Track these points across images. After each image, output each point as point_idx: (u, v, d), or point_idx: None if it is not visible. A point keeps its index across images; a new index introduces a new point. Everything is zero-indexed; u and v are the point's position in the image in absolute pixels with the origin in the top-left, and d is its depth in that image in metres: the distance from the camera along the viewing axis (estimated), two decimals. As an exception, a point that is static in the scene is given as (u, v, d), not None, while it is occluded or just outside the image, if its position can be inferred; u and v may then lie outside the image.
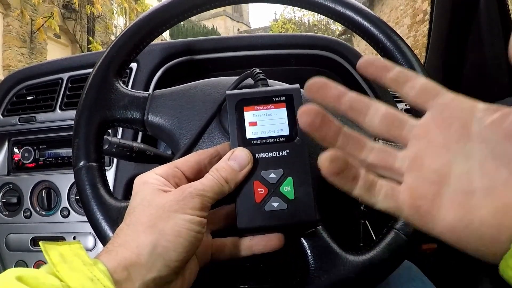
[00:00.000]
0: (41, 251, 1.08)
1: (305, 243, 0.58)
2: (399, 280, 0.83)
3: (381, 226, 0.61)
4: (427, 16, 1.48)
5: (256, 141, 0.54)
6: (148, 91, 0.67)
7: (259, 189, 0.52)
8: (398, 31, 0.65)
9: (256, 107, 0.55)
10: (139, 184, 0.50)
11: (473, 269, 1.18)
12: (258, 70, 0.63)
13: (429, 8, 1.47)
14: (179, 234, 0.44)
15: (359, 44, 12.41)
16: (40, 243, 0.42)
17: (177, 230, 0.44)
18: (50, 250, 0.41)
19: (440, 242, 0.35)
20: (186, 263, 0.47)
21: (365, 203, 0.39)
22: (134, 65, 1.07)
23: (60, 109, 1.13)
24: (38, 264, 1.08)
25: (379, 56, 0.42)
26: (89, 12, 12.44)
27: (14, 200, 1.11)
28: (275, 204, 0.52)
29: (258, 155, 0.53)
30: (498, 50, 1.28)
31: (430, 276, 0.89)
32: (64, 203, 1.09)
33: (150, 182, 0.49)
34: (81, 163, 0.60)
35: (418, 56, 0.66)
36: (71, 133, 0.63)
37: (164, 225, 0.45)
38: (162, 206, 0.46)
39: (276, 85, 0.64)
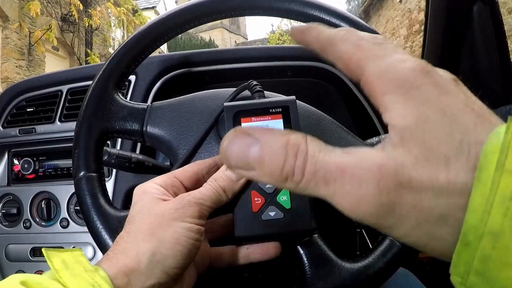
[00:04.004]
0: (41, 261, 1.08)
1: (301, 251, 0.58)
2: (396, 287, 0.83)
3: (377, 234, 0.62)
4: (424, 27, 1.49)
5: None
6: (146, 102, 0.68)
7: (256, 199, 0.53)
8: (394, 42, 0.66)
9: (253, 118, 0.56)
10: (138, 194, 0.51)
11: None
12: (255, 82, 0.64)
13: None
14: (178, 242, 0.45)
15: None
16: (43, 249, 0.43)
17: (176, 238, 0.45)
18: (52, 257, 0.42)
19: None
20: (184, 270, 0.47)
21: None
22: (132, 77, 1.08)
23: (60, 120, 1.14)
24: (38, 274, 1.08)
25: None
26: (87, 24, 12.45)
27: (14, 211, 1.12)
28: (272, 213, 0.53)
29: None
30: (492, 59, 1.29)
31: (427, 284, 0.89)
32: (64, 213, 1.10)
33: (149, 191, 0.50)
34: (81, 173, 0.60)
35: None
36: (71, 144, 0.63)
37: (163, 233, 0.45)
38: (162, 214, 0.47)
39: (273, 96, 0.65)
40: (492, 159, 0.25)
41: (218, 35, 41.55)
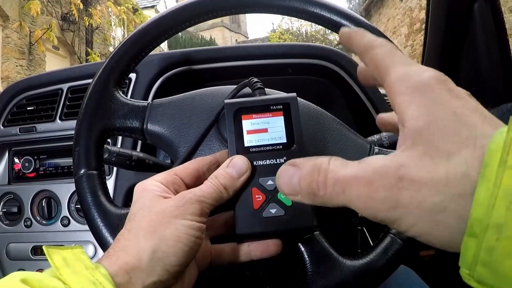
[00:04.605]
0: (41, 259, 1.08)
1: (302, 249, 0.58)
2: (397, 285, 0.83)
3: (379, 232, 0.62)
4: (425, 26, 1.49)
5: (254, 149, 0.54)
6: (147, 100, 0.68)
7: (257, 196, 0.53)
8: (395, 41, 0.66)
9: (254, 115, 0.55)
10: (139, 191, 0.51)
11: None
12: (255, 79, 0.64)
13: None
14: (179, 239, 0.45)
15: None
16: (44, 247, 0.43)
17: (177, 235, 0.45)
18: (53, 254, 0.42)
19: (438, 249, 0.35)
20: (185, 268, 0.47)
21: None
22: (133, 75, 1.08)
23: (60, 119, 1.14)
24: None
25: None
26: (87, 23, 12.47)
27: (15, 210, 1.12)
28: (273, 211, 0.53)
29: (256, 163, 0.54)
30: (493, 58, 1.29)
31: (428, 282, 0.89)
32: (64, 212, 1.10)
33: (150, 188, 0.50)
34: (82, 171, 0.60)
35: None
36: (71, 143, 0.63)
37: (164, 230, 0.45)
38: (163, 211, 0.46)
39: (274, 93, 0.65)
40: (496, 156, 0.28)
41: (219, 34, 41.53)
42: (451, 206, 0.30)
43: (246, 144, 0.54)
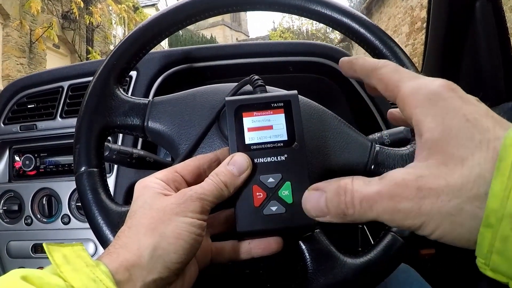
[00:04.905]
0: (42, 257, 1.08)
1: (303, 246, 0.58)
2: (397, 283, 0.83)
3: (379, 231, 0.61)
4: (426, 24, 1.49)
5: (254, 146, 0.54)
6: (148, 98, 0.68)
7: (258, 193, 0.53)
8: (396, 40, 0.66)
9: (254, 113, 0.55)
10: (140, 188, 0.51)
11: (471, 274, 1.19)
12: (256, 77, 0.63)
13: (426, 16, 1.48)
14: (180, 237, 0.45)
15: (358, 52, 12.40)
16: (44, 244, 0.43)
17: (177, 233, 0.45)
18: (53, 252, 0.42)
19: (439, 248, 0.36)
20: (186, 265, 0.47)
21: None
22: (134, 73, 1.08)
23: (61, 117, 1.14)
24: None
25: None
26: (88, 22, 12.47)
27: (15, 208, 1.12)
28: (274, 208, 0.52)
29: (257, 160, 0.53)
30: (494, 57, 1.29)
31: (428, 281, 0.89)
32: (65, 210, 1.10)
33: (150, 186, 0.50)
34: (82, 168, 0.60)
35: (417, 64, 0.66)
36: (72, 140, 0.63)
37: (165, 227, 0.45)
38: (163, 209, 0.46)
39: (275, 91, 0.65)
40: (510, 151, 0.30)
41: (220, 33, 41.49)
42: (466, 207, 0.32)
43: (247, 142, 0.54)
